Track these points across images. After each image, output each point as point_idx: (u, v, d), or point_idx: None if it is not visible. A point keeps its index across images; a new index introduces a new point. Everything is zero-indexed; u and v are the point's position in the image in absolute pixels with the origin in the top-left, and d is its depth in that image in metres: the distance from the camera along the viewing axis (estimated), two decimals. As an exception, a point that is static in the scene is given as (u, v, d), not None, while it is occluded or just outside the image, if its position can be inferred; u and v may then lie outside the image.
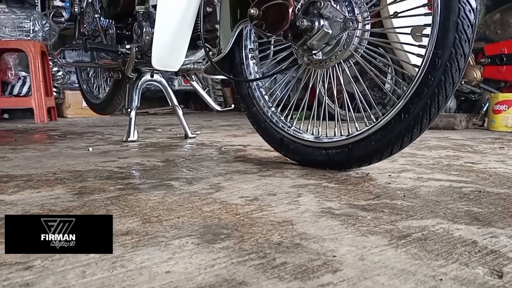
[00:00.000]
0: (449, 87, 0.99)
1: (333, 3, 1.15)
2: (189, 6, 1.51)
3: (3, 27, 3.27)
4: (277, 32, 1.23)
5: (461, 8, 0.96)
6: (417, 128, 1.03)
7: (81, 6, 2.26)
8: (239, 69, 1.44)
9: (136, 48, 1.71)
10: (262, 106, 1.40)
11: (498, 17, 2.67)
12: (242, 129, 2.68)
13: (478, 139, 2.07)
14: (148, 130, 2.59)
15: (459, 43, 0.97)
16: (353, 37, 1.15)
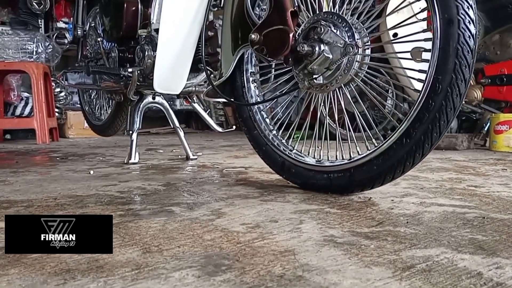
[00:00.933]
0: (450, 112, 0.99)
1: (333, 29, 1.16)
2: (191, 30, 1.53)
3: (7, 49, 3.30)
4: (278, 57, 1.24)
5: (461, 34, 0.96)
6: (419, 153, 1.03)
7: (84, 29, 2.29)
8: (240, 92, 1.45)
9: (138, 71, 1.72)
10: (263, 129, 1.40)
11: (497, 38, 2.69)
12: (243, 149, 2.68)
13: (480, 160, 2.06)
14: (150, 151, 2.59)
15: (460, 69, 0.97)
16: (354, 62, 1.15)
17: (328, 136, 1.31)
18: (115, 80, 1.87)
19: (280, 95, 1.38)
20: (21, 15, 3.83)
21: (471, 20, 0.97)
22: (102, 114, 2.44)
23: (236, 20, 1.38)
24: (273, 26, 1.24)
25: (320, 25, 1.16)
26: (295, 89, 1.29)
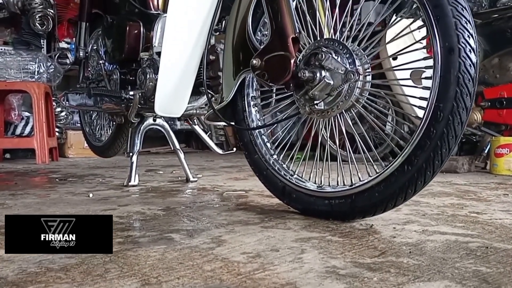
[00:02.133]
0: (451, 140, 0.99)
1: (334, 55, 1.16)
2: (193, 54, 1.53)
3: (9, 69, 3.32)
4: (279, 82, 1.24)
5: (462, 63, 0.97)
6: (420, 180, 1.02)
7: (86, 51, 2.31)
8: (241, 116, 1.45)
9: (140, 94, 1.72)
10: (264, 153, 1.39)
11: (497, 62, 2.71)
12: (243, 171, 2.67)
13: (481, 184, 2.05)
14: (149, 172, 2.58)
15: (461, 97, 0.97)
16: (355, 88, 1.16)
17: (329, 160, 1.31)
18: (116, 102, 1.87)
19: (281, 120, 1.38)
20: (24, 35, 3.87)
21: (471, 48, 0.97)
22: (102, 135, 2.44)
23: (238, 45, 1.39)
24: (274, 52, 1.24)
25: (321, 52, 1.17)
26: (296, 114, 1.30)
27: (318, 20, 1.29)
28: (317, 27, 1.27)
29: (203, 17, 1.48)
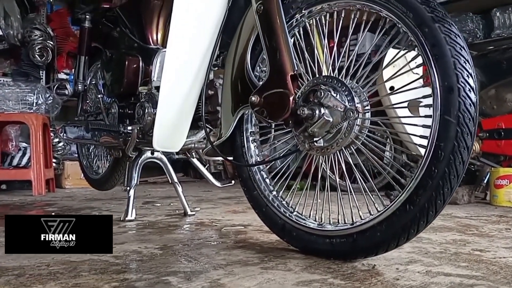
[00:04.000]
0: (453, 179, 0.98)
1: (333, 93, 1.16)
2: (192, 89, 1.52)
3: (7, 100, 3.33)
4: (278, 119, 1.24)
5: (462, 102, 0.97)
6: (423, 220, 1.01)
7: (84, 84, 2.32)
8: (240, 152, 1.44)
9: (138, 128, 1.71)
10: (263, 189, 1.38)
11: (493, 93, 2.73)
12: (242, 202, 2.65)
13: (482, 217, 2.03)
14: (147, 205, 2.55)
15: (462, 136, 0.97)
16: (354, 125, 1.15)
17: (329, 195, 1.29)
18: (114, 136, 1.86)
19: (280, 157, 1.37)
20: (23, 67, 3.90)
21: (471, 88, 0.97)
22: (100, 167, 2.42)
23: (236, 81, 1.39)
24: (273, 89, 1.25)
25: (320, 89, 1.17)
26: (296, 151, 1.29)
27: (317, 57, 1.30)
28: (316, 64, 1.28)
29: (202, 52, 1.48)
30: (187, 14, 1.45)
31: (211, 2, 1.45)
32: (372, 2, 1.12)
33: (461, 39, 1.00)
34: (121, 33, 2.07)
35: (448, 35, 1.00)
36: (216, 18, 1.45)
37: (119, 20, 2.06)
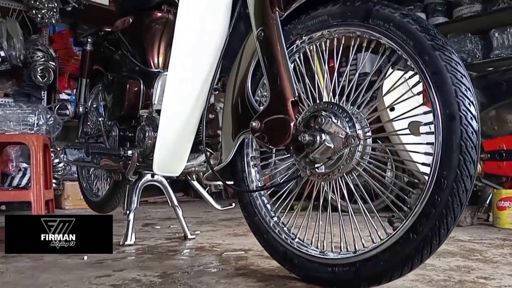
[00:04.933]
0: (457, 208, 0.97)
1: (334, 119, 1.16)
2: (193, 113, 1.51)
3: (8, 121, 3.32)
4: (279, 145, 1.24)
5: (463, 131, 0.96)
6: (427, 249, 0.99)
7: (85, 106, 2.32)
8: (240, 176, 1.43)
9: (138, 152, 1.71)
10: (264, 215, 1.36)
11: (494, 114, 2.73)
12: (242, 224, 2.62)
13: (486, 241, 2.01)
14: (147, 227, 2.53)
15: (464, 165, 0.96)
16: (355, 151, 1.14)
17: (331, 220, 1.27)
18: (114, 159, 1.86)
19: (281, 183, 1.36)
20: (25, 88, 3.91)
21: (473, 116, 0.97)
22: (99, 189, 2.41)
23: (237, 106, 1.39)
24: (274, 115, 1.24)
25: (321, 115, 1.17)
26: (297, 177, 1.28)
27: (317, 82, 1.30)
28: (316, 90, 1.28)
29: (204, 77, 1.48)
30: (188, 38, 1.46)
31: (212, 28, 1.46)
32: (372, 30, 1.13)
33: (462, 67, 1.00)
34: (122, 56, 2.09)
35: (448, 63, 1.00)
36: (217, 43, 1.46)
37: (121, 43, 2.07)
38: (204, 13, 1.45)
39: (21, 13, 3.91)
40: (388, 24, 1.09)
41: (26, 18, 3.94)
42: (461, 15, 4.11)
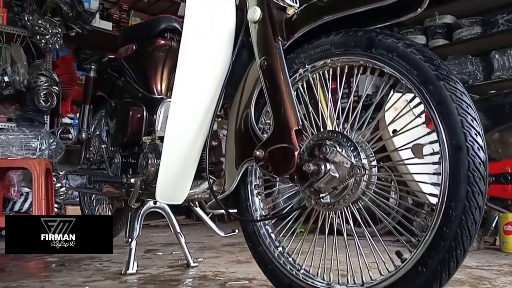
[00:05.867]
0: (466, 240, 0.95)
1: (338, 148, 1.15)
2: (196, 140, 1.50)
3: (11, 146, 3.32)
4: (283, 175, 1.23)
5: (471, 161, 0.95)
6: (436, 283, 0.97)
7: (88, 132, 2.32)
8: (244, 205, 1.41)
9: (141, 180, 1.70)
10: (269, 245, 1.34)
11: (498, 136, 2.72)
12: (245, 250, 2.57)
13: (494, 267, 1.98)
14: (148, 253, 2.50)
15: (473, 196, 0.94)
16: (361, 181, 1.13)
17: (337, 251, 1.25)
18: (117, 187, 1.85)
19: (285, 213, 1.34)
20: (28, 112, 3.93)
21: (480, 146, 0.96)
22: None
23: (240, 133, 1.39)
24: (277, 144, 1.24)
25: (325, 145, 1.16)
26: (302, 207, 1.26)
27: (320, 110, 1.30)
28: (320, 118, 1.27)
29: (207, 104, 1.48)
30: (192, 66, 1.46)
31: (216, 56, 1.46)
32: (375, 59, 1.13)
33: (467, 97, 0.99)
34: (125, 82, 2.10)
35: (453, 93, 0.99)
36: (220, 71, 1.46)
37: (124, 70, 2.09)
38: (208, 41, 1.46)
39: (26, 39, 3.94)
40: (392, 53, 1.09)
41: (30, 44, 3.97)
42: (461, 37, 4.14)
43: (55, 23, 3.90)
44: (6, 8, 4.03)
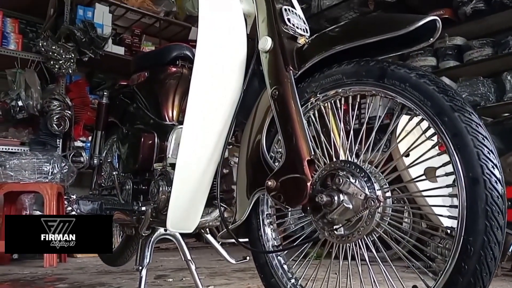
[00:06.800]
0: (485, 277, 0.92)
1: (351, 179, 1.13)
2: (208, 167, 1.49)
3: (23, 170, 3.35)
4: (296, 206, 1.21)
5: (488, 195, 0.93)
6: (455, 321, 0.94)
7: (100, 158, 2.33)
8: (255, 235, 1.40)
9: (152, 208, 1.69)
10: (281, 276, 1.32)
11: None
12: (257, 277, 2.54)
13: (513, 296, 1.92)
14: (159, 280, 2.47)
15: (491, 231, 0.92)
16: (375, 213, 1.11)
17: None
18: (128, 214, 1.84)
19: (298, 245, 1.32)
20: (41, 136, 3.97)
21: (497, 180, 0.94)
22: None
23: (252, 162, 1.38)
24: (290, 174, 1.23)
25: (338, 175, 1.14)
26: (315, 239, 1.23)
27: (333, 140, 1.28)
28: (332, 148, 1.26)
29: (218, 131, 1.48)
30: (204, 93, 1.46)
31: (227, 83, 1.46)
32: (388, 89, 1.12)
33: (483, 129, 0.97)
34: (137, 109, 2.11)
35: (469, 125, 0.97)
36: (231, 99, 1.47)
37: (136, 97, 2.10)
38: (219, 69, 1.46)
39: (40, 64, 4.02)
40: (404, 84, 1.08)
41: (44, 69, 4.04)
42: (472, 59, 4.12)
43: (68, 48, 3.97)
44: (21, 34, 4.12)
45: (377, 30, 1.14)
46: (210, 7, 1.47)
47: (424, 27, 1.08)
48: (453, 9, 4.19)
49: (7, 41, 4.02)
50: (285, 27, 1.35)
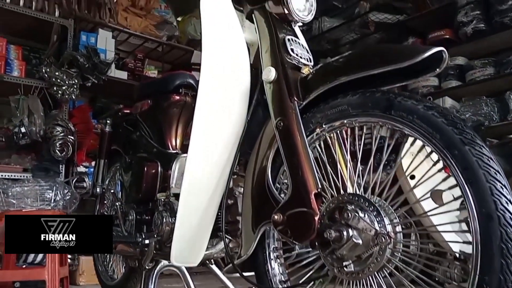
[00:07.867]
0: (503, 317, 0.88)
1: (360, 214, 1.10)
2: (212, 198, 1.47)
3: (26, 198, 3.33)
4: (303, 241, 1.18)
5: (503, 232, 0.90)
6: None
7: (102, 187, 2.31)
8: (262, 270, 1.36)
9: (155, 241, 1.66)
10: (289, 313, 1.28)
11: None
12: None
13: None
14: (163, 310, 2.42)
15: (508, 270, 0.88)
16: (386, 249, 1.08)
17: None
18: (131, 245, 1.81)
19: (307, 282, 1.28)
20: (44, 162, 3.96)
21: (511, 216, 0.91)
22: (115, 272, 2.34)
23: (257, 194, 1.35)
24: (296, 208, 1.20)
25: (347, 210, 1.11)
26: (324, 276, 1.20)
27: (340, 172, 1.26)
28: (340, 180, 1.23)
29: (223, 161, 1.45)
30: (208, 123, 1.44)
31: (231, 113, 1.45)
32: (395, 121, 1.10)
33: (494, 163, 0.95)
34: (140, 137, 2.10)
35: (480, 158, 0.95)
36: (236, 129, 1.45)
37: (139, 125, 2.09)
38: (223, 99, 1.45)
39: (43, 90, 4.03)
40: (412, 116, 1.06)
41: (47, 95, 4.05)
42: (474, 78, 4.11)
43: (71, 74, 3.98)
44: (25, 61, 4.14)
45: (383, 61, 1.12)
46: (214, 37, 1.46)
47: (430, 57, 1.07)
48: (454, 30, 4.20)
49: (11, 68, 4.04)
50: (288, 57, 1.34)
